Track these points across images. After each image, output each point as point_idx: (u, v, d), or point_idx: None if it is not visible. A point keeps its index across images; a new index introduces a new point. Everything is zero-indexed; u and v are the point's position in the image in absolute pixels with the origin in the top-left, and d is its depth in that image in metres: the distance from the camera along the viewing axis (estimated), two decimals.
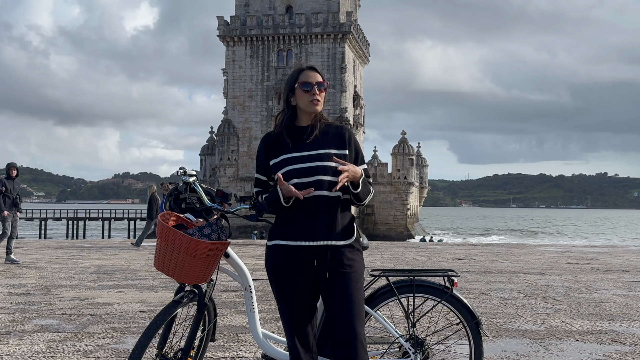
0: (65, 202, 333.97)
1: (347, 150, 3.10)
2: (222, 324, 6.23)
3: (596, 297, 8.32)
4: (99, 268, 11.66)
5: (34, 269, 11.39)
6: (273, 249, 3.08)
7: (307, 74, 3.11)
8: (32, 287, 9.04)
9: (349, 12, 64.18)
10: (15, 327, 6.14)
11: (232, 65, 64.68)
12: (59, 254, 14.83)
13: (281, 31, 63.67)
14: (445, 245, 19.87)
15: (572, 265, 12.73)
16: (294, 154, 3.05)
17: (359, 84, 71.64)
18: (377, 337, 3.67)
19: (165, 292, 8.60)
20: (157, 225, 3.25)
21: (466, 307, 3.40)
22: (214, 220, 3.25)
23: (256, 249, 16.64)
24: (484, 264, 12.85)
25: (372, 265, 11.76)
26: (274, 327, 6.15)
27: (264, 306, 7.34)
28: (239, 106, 64.41)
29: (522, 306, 7.54)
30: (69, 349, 5.26)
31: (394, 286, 3.39)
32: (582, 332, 6.08)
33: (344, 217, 3.06)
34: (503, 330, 6.13)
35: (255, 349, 5.22)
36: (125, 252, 15.60)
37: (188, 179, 3.33)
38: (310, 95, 3.08)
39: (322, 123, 3.15)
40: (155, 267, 3.29)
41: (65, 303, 7.61)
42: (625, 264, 12.99)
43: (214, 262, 3.16)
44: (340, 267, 2.98)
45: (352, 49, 67.19)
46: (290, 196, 2.96)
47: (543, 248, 18.13)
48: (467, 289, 8.98)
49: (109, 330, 6.03)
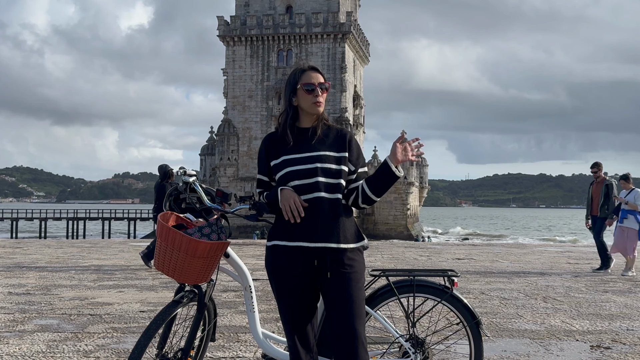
0: (65, 202, 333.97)
1: (347, 153, 3.10)
2: (222, 324, 6.23)
3: (596, 297, 8.32)
4: (99, 268, 11.66)
5: (34, 269, 11.38)
6: (272, 249, 3.08)
7: (309, 75, 3.10)
8: (32, 287, 9.04)
9: (349, 12, 64.16)
10: (15, 327, 6.14)
11: (232, 65, 64.67)
12: (59, 254, 14.83)
13: (281, 31, 63.66)
14: (445, 245, 19.87)
15: (572, 265, 12.73)
16: (295, 155, 3.04)
17: (359, 84, 71.63)
18: (377, 337, 3.67)
19: (165, 292, 8.60)
20: (157, 225, 3.25)
21: (466, 307, 3.39)
22: (214, 220, 3.24)
23: (256, 249, 16.64)
24: (484, 264, 12.85)
25: (372, 265, 11.76)
26: (274, 327, 6.15)
27: (264, 306, 7.34)
28: (239, 106, 64.40)
29: (522, 306, 7.54)
30: (69, 349, 5.26)
31: (394, 286, 3.39)
32: (582, 332, 6.08)
33: (344, 219, 3.05)
34: (503, 330, 6.13)
35: (255, 349, 5.22)
36: (125, 252, 15.60)
37: (188, 179, 3.33)
38: (313, 96, 3.07)
39: (323, 125, 3.14)
40: (155, 267, 3.29)
41: (65, 303, 7.61)
42: (625, 264, 12.98)
43: (214, 262, 3.16)
44: (340, 267, 2.98)
45: (352, 48, 67.18)
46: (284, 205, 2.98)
47: (543, 248, 18.13)
48: (467, 289, 8.98)
49: (109, 330, 6.03)
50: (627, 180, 12.14)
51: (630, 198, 11.78)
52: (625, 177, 12.21)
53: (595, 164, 12.85)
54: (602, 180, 12.58)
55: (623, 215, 11.85)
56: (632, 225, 11.69)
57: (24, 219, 76.30)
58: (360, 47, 69.63)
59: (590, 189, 12.80)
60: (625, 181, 12.16)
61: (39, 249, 16.18)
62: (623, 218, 11.82)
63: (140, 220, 78.81)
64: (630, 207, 11.76)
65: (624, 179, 12.22)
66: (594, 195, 12.59)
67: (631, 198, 11.77)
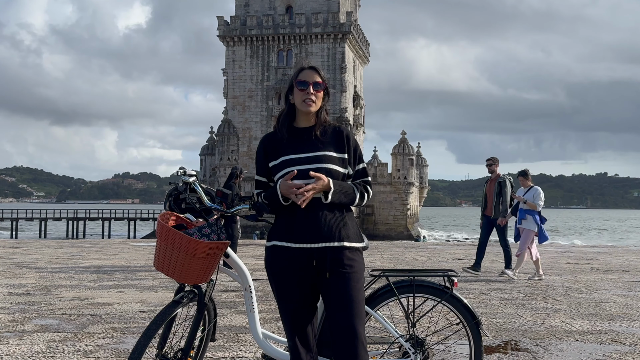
0: (65, 202, 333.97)
1: (347, 154, 3.09)
2: (222, 324, 6.23)
3: (596, 297, 8.32)
4: (99, 268, 11.66)
5: (34, 269, 11.38)
6: (272, 249, 3.08)
7: (305, 73, 3.09)
8: (32, 287, 9.04)
9: (349, 12, 64.18)
10: (15, 327, 6.14)
11: (232, 65, 64.68)
12: (59, 254, 14.83)
13: (281, 31, 63.67)
14: (445, 245, 19.88)
15: (572, 265, 12.72)
16: (293, 156, 3.03)
17: (358, 84, 71.64)
18: (377, 337, 3.66)
19: (165, 292, 8.60)
20: (157, 224, 3.25)
21: (466, 307, 3.39)
22: (213, 220, 3.24)
23: (256, 249, 16.65)
24: (484, 264, 12.85)
25: (372, 265, 11.76)
26: (274, 327, 6.15)
27: (264, 306, 7.34)
28: (239, 106, 64.42)
29: (522, 306, 7.54)
30: (69, 349, 5.26)
31: (394, 286, 3.39)
32: (582, 332, 6.08)
33: (345, 219, 3.04)
34: (503, 330, 6.13)
35: (255, 349, 5.22)
36: (125, 252, 15.60)
37: (188, 179, 3.32)
38: (305, 94, 3.05)
39: (322, 125, 3.13)
40: (155, 267, 3.29)
41: (65, 303, 7.61)
42: (625, 264, 12.99)
43: (213, 262, 3.16)
44: (340, 267, 2.98)
45: (352, 49, 67.19)
46: (288, 197, 2.96)
47: (543, 248, 18.13)
48: (467, 289, 8.98)
49: (109, 330, 6.03)
50: (525, 177, 10.95)
51: (529, 197, 10.68)
52: (524, 174, 11.02)
53: (491, 158, 11.60)
54: (496, 177, 11.43)
55: (521, 215, 10.73)
56: (530, 226, 10.62)
57: (24, 219, 76.31)
58: (360, 47, 69.64)
59: (485, 187, 11.70)
60: (524, 178, 10.96)
61: (39, 249, 16.18)
62: (521, 219, 10.73)
63: (140, 220, 78.84)
64: (529, 206, 10.64)
65: (522, 175, 11.02)
66: (487, 194, 11.51)
67: (530, 197, 10.67)
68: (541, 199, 10.67)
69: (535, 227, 10.61)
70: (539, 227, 10.64)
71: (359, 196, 3.06)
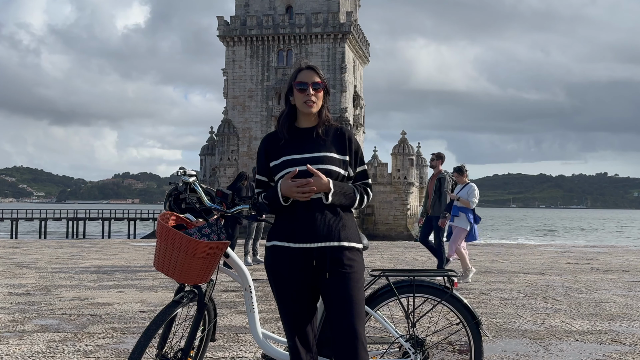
0: (65, 202, 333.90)
1: (348, 156, 3.08)
2: (222, 324, 6.23)
3: (596, 297, 8.32)
4: (99, 268, 11.66)
5: (34, 269, 11.38)
6: (272, 249, 3.08)
7: (304, 74, 3.07)
8: (32, 287, 9.04)
9: (349, 12, 64.16)
10: (15, 327, 6.14)
11: (232, 65, 64.67)
12: (59, 254, 14.83)
13: (281, 31, 63.66)
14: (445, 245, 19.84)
15: (572, 265, 12.72)
16: (295, 156, 3.03)
17: (359, 84, 71.63)
18: (377, 337, 3.67)
19: (165, 292, 8.60)
20: (157, 224, 3.25)
21: (466, 307, 3.39)
22: (213, 220, 3.24)
23: None
24: (484, 264, 12.85)
25: (372, 265, 11.76)
26: (274, 327, 6.15)
27: (264, 306, 7.34)
28: (239, 106, 64.41)
29: (522, 306, 7.54)
30: (69, 349, 5.26)
31: (394, 286, 3.39)
32: (582, 332, 6.08)
33: (345, 219, 3.04)
34: (503, 330, 6.13)
35: (255, 349, 5.22)
36: (125, 252, 15.60)
37: (188, 179, 3.32)
38: (305, 95, 3.04)
39: (324, 123, 3.13)
40: (155, 267, 3.29)
41: (65, 303, 7.61)
42: (625, 264, 12.99)
43: (213, 262, 3.16)
44: (340, 267, 2.98)
45: (352, 49, 67.18)
46: (289, 196, 2.96)
47: (543, 248, 18.13)
48: (467, 289, 8.98)
49: (109, 330, 6.03)
50: (460, 173, 10.37)
51: (463, 194, 10.13)
52: (459, 170, 10.43)
53: (434, 153, 11.11)
54: (437, 173, 10.93)
55: (454, 212, 10.20)
56: (462, 224, 10.10)
57: (24, 219, 76.29)
58: (360, 47, 69.63)
59: (428, 184, 11.28)
60: (459, 174, 10.39)
61: (39, 249, 16.18)
62: (454, 216, 10.19)
63: (140, 220, 78.84)
64: (462, 203, 10.11)
65: (458, 171, 10.45)
66: (429, 191, 10.97)
67: (464, 194, 10.12)
68: (475, 197, 10.17)
69: (467, 226, 10.11)
70: (472, 225, 10.17)
71: (359, 198, 3.07)
